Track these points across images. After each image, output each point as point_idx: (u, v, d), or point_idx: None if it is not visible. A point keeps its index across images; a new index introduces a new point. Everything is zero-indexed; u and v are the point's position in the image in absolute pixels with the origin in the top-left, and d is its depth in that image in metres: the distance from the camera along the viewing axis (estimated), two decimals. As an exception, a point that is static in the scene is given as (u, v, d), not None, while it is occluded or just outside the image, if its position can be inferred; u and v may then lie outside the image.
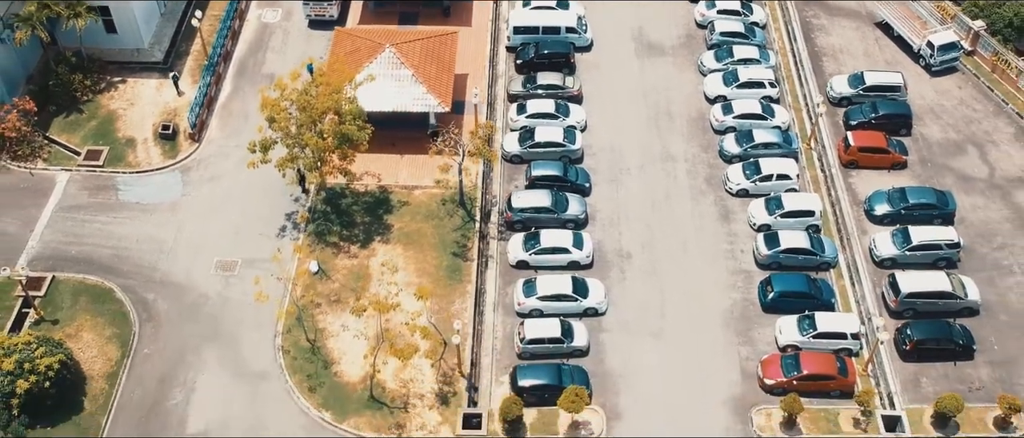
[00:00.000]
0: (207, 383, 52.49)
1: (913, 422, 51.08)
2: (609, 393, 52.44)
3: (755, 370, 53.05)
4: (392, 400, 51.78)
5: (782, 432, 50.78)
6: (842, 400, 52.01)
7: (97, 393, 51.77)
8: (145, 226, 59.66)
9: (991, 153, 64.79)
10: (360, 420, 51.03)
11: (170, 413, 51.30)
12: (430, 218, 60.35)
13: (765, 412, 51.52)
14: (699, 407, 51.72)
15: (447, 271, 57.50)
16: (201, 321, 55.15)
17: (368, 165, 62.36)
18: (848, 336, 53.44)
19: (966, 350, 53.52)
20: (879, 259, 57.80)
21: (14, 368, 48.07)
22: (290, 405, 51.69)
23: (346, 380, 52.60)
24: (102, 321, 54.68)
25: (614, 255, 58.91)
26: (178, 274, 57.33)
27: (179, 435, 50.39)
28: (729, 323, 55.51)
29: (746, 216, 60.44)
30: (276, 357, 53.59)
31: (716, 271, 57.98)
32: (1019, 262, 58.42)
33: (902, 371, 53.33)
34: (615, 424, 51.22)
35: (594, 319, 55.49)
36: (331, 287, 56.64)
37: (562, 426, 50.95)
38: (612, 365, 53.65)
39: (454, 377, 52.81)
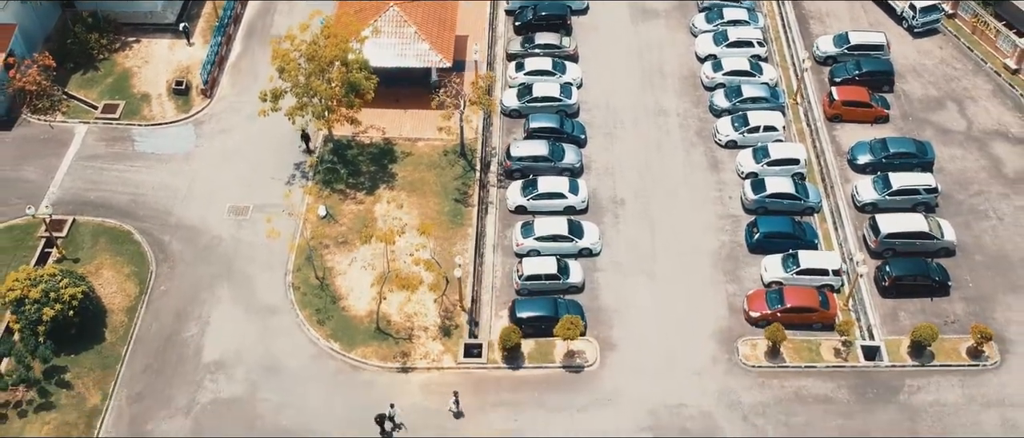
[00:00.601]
0: (221, 317, 55.27)
1: (891, 352, 53.90)
2: (603, 326, 55.23)
3: (741, 305, 55.87)
4: (397, 332, 54.56)
5: (766, 361, 53.57)
6: (824, 332, 54.79)
7: (117, 325, 54.56)
8: (160, 174, 62.47)
9: (969, 108, 67.61)
10: (367, 350, 53.83)
11: (186, 344, 54.11)
12: (432, 167, 63.15)
13: (750, 342, 54.32)
14: (688, 338, 54.52)
15: (449, 216, 60.29)
16: (214, 261, 57.96)
17: (373, 119, 65.17)
18: (830, 272, 56.27)
19: (942, 287, 56.33)
20: (861, 204, 60.63)
21: (40, 297, 50.83)
22: (300, 337, 54.49)
23: (353, 314, 55.39)
24: (121, 260, 57.47)
25: (608, 201, 61.73)
26: (192, 218, 60.13)
27: (195, 364, 53.13)
28: (717, 263, 58.32)
29: (734, 165, 63.26)
30: (286, 293, 56.37)
31: (705, 215, 60.81)
32: (994, 207, 61.23)
33: (881, 306, 56.13)
34: (608, 354, 54.02)
35: (589, 259, 58.29)
36: (338, 230, 59.44)
37: (558, 355, 53.76)
38: (606, 301, 56.46)
39: (455, 312, 55.61)
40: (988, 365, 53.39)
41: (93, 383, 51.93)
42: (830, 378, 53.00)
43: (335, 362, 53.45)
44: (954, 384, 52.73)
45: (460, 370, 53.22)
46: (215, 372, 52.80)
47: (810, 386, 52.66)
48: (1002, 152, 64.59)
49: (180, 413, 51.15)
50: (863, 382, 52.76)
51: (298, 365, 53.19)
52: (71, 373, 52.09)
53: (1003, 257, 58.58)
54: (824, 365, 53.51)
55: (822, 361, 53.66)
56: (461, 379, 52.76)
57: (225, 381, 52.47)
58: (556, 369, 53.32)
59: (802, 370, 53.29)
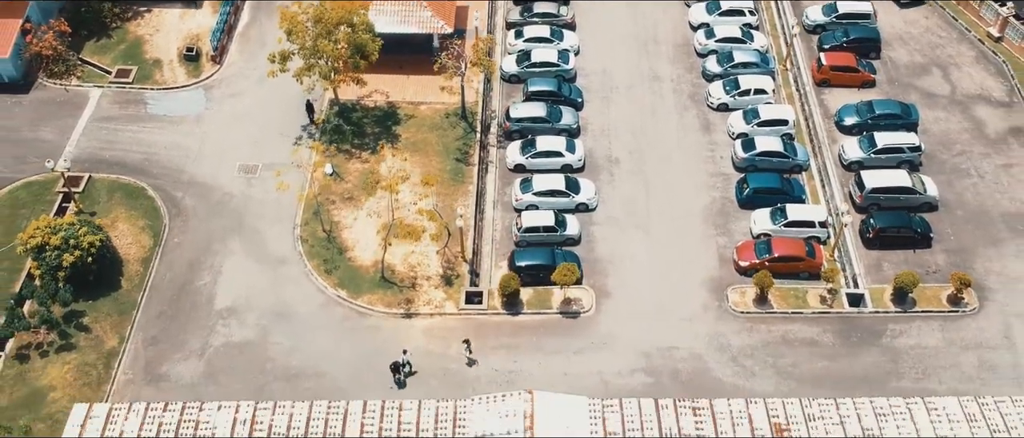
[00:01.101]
0: (232, 267, 57.63)
1: (875, 299, 56.26)
2: (598, 276, 57.59)
3: (731, 256, 58.22)
4: (401, 281, 56.91)
5: (755, 307, 55.92)
6: (810, 281, 57.12)
7: (132, 274, 56.91)
8: (172, 135, 64.82)
9: (953, 74, 69.98)
10: (373, 297, 56.18)
11: (199, 292, 56.46)
12: (435, 129, 65.50)
13: (739, 290, 56.68)
14: (680, 287, 56.87)
15: (450, 174, 62.63)
16: (226, 216, 60.32)
17: (377, 85, 67.57)
18: (816, 224, 58.64)
19: (924, 238, 58.68)
20: (847, 162, 63.00)
21: (60, 244, 53.18)
22: (308, 285, 56.84)
23: (359, 264, 57.74)
24: (135, 214, 59.84)
25: (604, 160, 64.09)
26: (204, 176, 62.49)
27: (208, 310, 55.47)
28: (708, 218, 60.69)
29: (726, 127, 65.62)
30: (295, 245, 58.73)
31: (697, 174, 63.17)
32: (975, 166, 63.60)
33: (866, 257, 58.50)
34: (604, 301, 56.37)
35: (585, 214, 60.63)
36: (344, 187, 61.79)
37: (556, 302, 56.10)
38: (601, 252, 58.81)
39: (457, 262, 57.95)
40: (967, 311, 55.73)
41: (110, 327, 54.27)
42: (816, 323, 55.37)
43: (342, 309, 55.79)
44: (935, 329, 55.08)
45: (462, 316, 55.58)
46: (227, 318, 55.17)
47: (796, 330, 55.03)
48: (984, 115, 66.97)
49: (194, 355, 53.51)
50: (847, 327, 55.13)
51: (307, 311, 55.54)
52: (89, 317, 54.45)
53: (983, 212, 60.95)
54: (810, 311, 55.87)
55: (808, 307, 56.01)
56: (462, 324, 55.14)
57: (237, 326, 54.84)
58: (553, 315, 55.67)
59: (789, 316, 55.66)
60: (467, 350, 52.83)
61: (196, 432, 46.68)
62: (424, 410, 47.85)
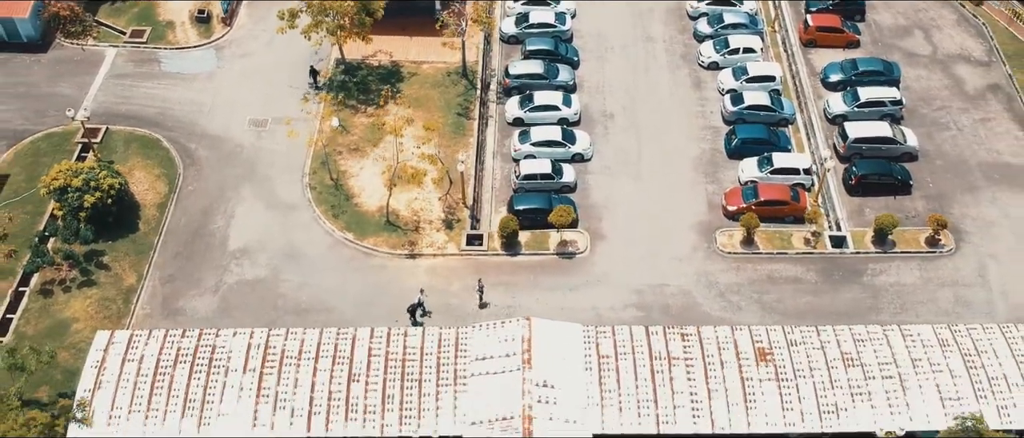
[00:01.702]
0: (244, 213, 60.43)
1: (856, 241, 59.05)
2: (593, 220, 60.39)
3: (720, 201, 61.02)
4: (405, 224, 59.69)
5: (742, 248, 58.72)
6: (795, 225, 59.91)
7: (149, 218, 59.71)
8: (185, 91, 67.63)
9: (935, 35, 72.82)
10: (378, 239, 58.98)
11: (213, 235, 59.25)
12: (437, 86, 68.30)
13: (727, 233, 59.48)
14: (671, 230, 59.66)
15: (452, 127, 65.42)
16: (237, 165, 63.13)
17: (381, 45, 70.37)
18: (801, 171, 61.43)
19: (904, 185, 61.48)
20: (832, 116, 65.81)
21: (81, 185, 55.96)
22: (317, 228, 59.63)
23: (365, 209, 60.53)
24: (151, 163, 62.64)
25: (599, 115, 66.91)
26: (216, 129, 65.29)
27: (222, 251, 58.27)
28: (698, 167, 63.50)
29: (716, 84, 68.43)
30: (304, 192, 61.52)
31: (688, 127, 65.98)
32: (954, 120, 66.42)
33: (848, 203, 61.31)
34: (598, 243, 59.16)
35: (581, 164, 63.41)
36: (350, 139, 64.57)
37: (552, 244, 58.90)
38: (596, 199, 61.62)
39: (458, 208, 60.72)
40: (944, 252, 58.53)
41: (129, 266, 57.07)
42: (800, 263, 58.18)
43: (349, 250, 58.58)
44: (913, 268, 57.87)
45: (463, 256, 58.37)
46: (240, 258, 57.97)
47: (781, 269, 57.83)
48: (964, 73, 69.81)
49: (208, 292, 56.30)
50: (830, 266, 57.93)
51: (316, 252, 58.32)
52: (109, 256, 57.22)
53: (962, 162, 63.77)
54: (794, 252, 58.66)
55: (792, 248, 58.81)
56: (463, 264, 57.93)
57: (249, 265, 57.63)
58: (550, 256, 58.45)
59: (774, 256, 58.46)
60: (479, 293, 55.33)
61: (213, 356, 49.66)
62: (428, 336, 50.80)
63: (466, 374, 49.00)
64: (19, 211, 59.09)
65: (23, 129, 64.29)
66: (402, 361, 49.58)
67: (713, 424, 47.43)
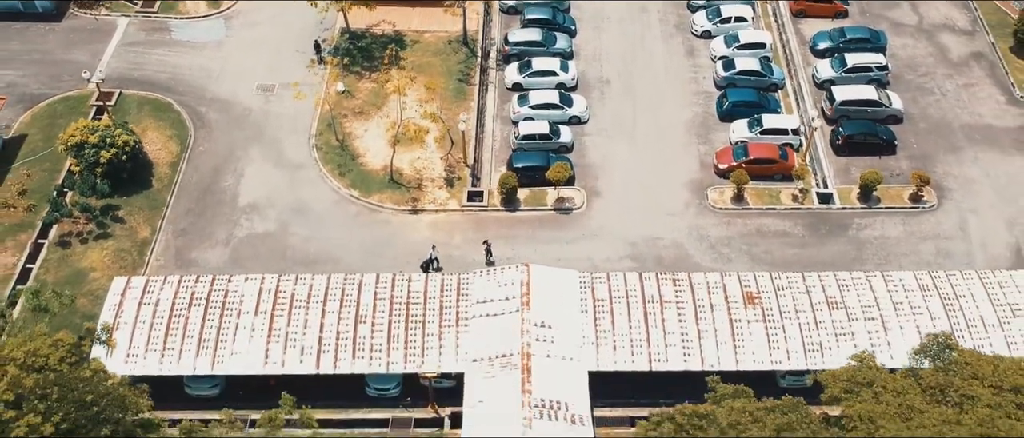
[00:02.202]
0: (254, 171, 62.76)
1: (842, 197, 61.39)
2: (590, 178, 62.73)
3: (711, 161, 63.37)
4: (408, 182, 62.02)
5: (732, 204, 61.06)
6: (784, 183, 62.23)
7: (162, 176, 62.03)
8: (195, 58, 69.96)
9: (921, 6, 75.21)
10: (382, 196, 61.30)
11: (223, 192, 61.58)
12: (438, 54, 70.63)
13: (718, 190, 61.82)
14: (664, 188, 61.99)
15: (453, 92, 67.76)
16: (246, 128, 65.46)
17: (384, 15, 72.73)
18: (789, 132, 63.76)
19: (889, 146, 63.84)
20: (820, 81, 68.18)
21: (98, 142, 58.28)
22: (324, 186, 61.95)
23: (370, 168, 62.87)
24: (163, 125, 64.97)
25: (595, 81, 69.25)
26: (225, 93, 67.62)
27: (232, 207, 60.60)
28: (691, 129, 65.85)
29: (708, 51, 70.78)
30: (311, 152, 63.84)
31: (681, 92, 68.33)
32: (938, 85, 68.80)
33: (835, 162, 63.65)
34: (594, 200, 61.51)
35: (578, 127, 65.75)
36: (355, 103, 66.91)
37: (550, 200, 61.23)
38: (592, 159, 63.96)
39: (459, 167, 63.05)
40: (927, 207, 60.86)
41: (143, 220, 59.39)
42: (788, 218, 60.52)
43: (355, 206, 60.91)
44: (897, 223, 60.20)
45: (464, 212, 60.71)
46: (250, 213, 60.29)
47: (770, 224, 60.17)
48: (948, 41, 72.19)
49: (220, 244, 58.63)
50: (817, 221, 60.26)
51: (322, 208, 60.65)
52: (124, 211, 59.55)
53: (945, 125, 66.13)
54: (783, 207, 61.01)
55: (781, 204, 61.15)
56: (465, 219, 60.27)
57: (259, 220, 59.96)
58: (548, 211, 60.79)
59: (763, 211, 60.80)
60: (487, 251, 57.51)
61: (225, 299, 52.01)
62: (431, 281, 53.19)
63: (468, 316, 51.35)
64: (37, 169, 61.41)
65: (40, 93, 66.62)
66: (406, 304, 51.93)
67: (703, 362, 49.74)
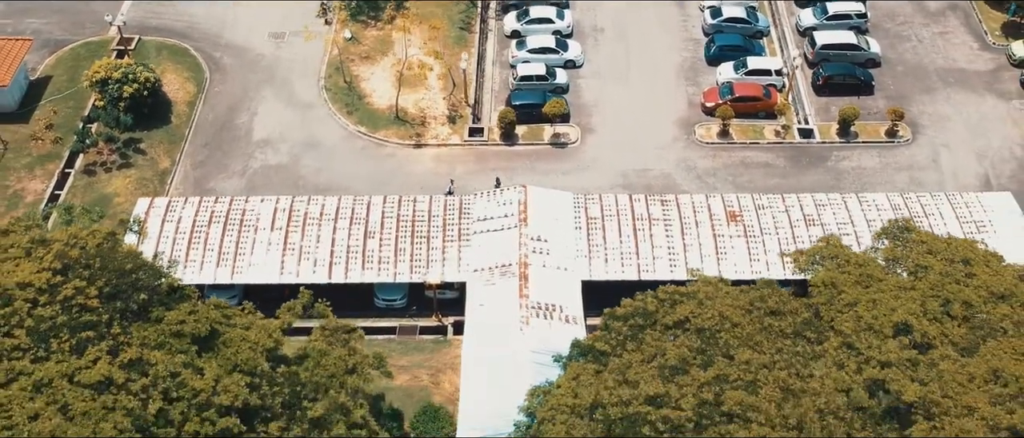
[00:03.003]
0: (266, 110, 66.46)
1: (822, 133, 65.10)
2: (584, 116, 66.43)
3: (699, 100, 67.06)
4: (412, 120, 65.72)
5: (718, 139, 64.76)
6: (767, 120, 65.90)
7: (180, 113, 65.73)
8: (210, 8, 73.66)
9: (901, -39, 79.01)
10: (388, 132, 65.01)
11: (238, 129, 65.28)
12: (440, 3, 74.25)
13: (705, 126, 65.53)
14: (654, 124, 65.69)
15: (454, 39, 71.40)
16: (259, 71, 69.16)
17: (388, -29, 76.46)
18: (772, 73, 67.45)
19: (867, 86, 67.52)
20: (803, 29, 71.88)
21: (121, 77, 61.96)
22: (333, 123, 65.65)
23: (376, 107, 66.57)
24: (181, 68, 68.66)
25: (590, 29, 72.94)
26: (238, 40, 71.33)
27: (247, 142, 64.29)
28: (680, 72, 69.56)
29: (697, 2, 74.47)
30: (320, 93, 67.54)
31: (671, 39, 72.03)
32: (916, 33, 72.49)
33: (816, 102, 67.35)
34: (588, 135, 65.21)
35: (573, 71, 69.45)
36: (362, 49, 70.59)
37: (546, 135, 64.93)
38: (587, 99, 67.65)
39: (461, 106, 66.73)
40: (901, 142, 64.56)
41: (163, 152, 63.10)
42: (771, 151, 64.23)
43: (362, 141, 64.61)
44: (873, 155, 63.89)
45: (465, 146, 64.41)
46: (263, 147, 64.00)
47: (754, 156, 63.88)
48: (926, -7, 76.09)
49: (236, 175, 62.33)
50: (798, 153, 63.96)
51: (332, 143, 64.36)
52: (145, 143, 63.28)
53: (920, 68, 69.83)
54: (766, 142, 64.72)
55: (764, 139, 64.86)
56: (466, 153, 63.96)
57: (272, 153, 63.66)
58: (545, 146, 64.50)
59: (747, 145, 64.51)
60: (497, 185, 60.93)
61: (243, 218, 55.69)
62: (435, 202, 56.91)
63: (469, 232, 55.06)
64: (62, 106, 65.07)
65: (63, 38, 70.29)
66: (412, 222, 55.62)
67: (688, 272, 53.30)
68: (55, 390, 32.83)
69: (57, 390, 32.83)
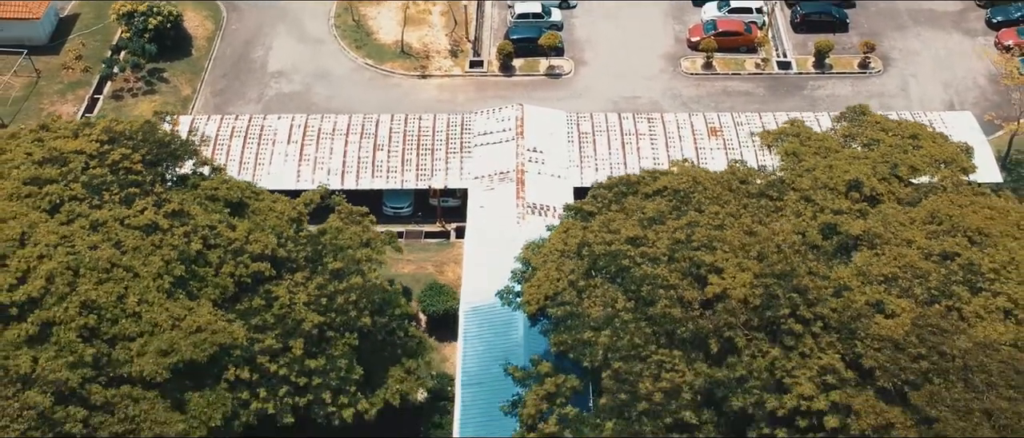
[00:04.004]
0: (280, 45, 71.11)
1: (799, 65, 69.78)
2: (577, 51, 71.11)
3: (685, 36, 71.75)
4: (417, 54, 70.37)
5: (702, 70, 69.45)
6: (748, 54, 70.56)
7: (200, 47, 70.37)
8: (225, -45, 78.46)
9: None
10: (394, 64, 69.66)
11: (254, 61, 69.93)
12: (442, -48, 79.06)
13: (690, 59, 70.23)
14: (642, 58, 70.36)
15: (456, -17, 76.20)
16: (273, 11, 73.80)
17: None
18: (753, 11, 72.14)
19: (842, 24, 72.20)
20: (783, -29, 76.69)
21: (145, 10, 66.63)
22: (342, 56, 70.29)
23: (383, 43, 71.22)
24: (199, 7, 73.29)
25: (583, -27, 77.75)
26: (253, -17, 76.18)
27: (262, 73, 68.94)
28: (668, 12, 74.23)
29: (685, -50, 79.24)
30: (330, 30, 72.19)
31: (661, -18, 76.90)
32: (890, -22, 77.40)
33: (794, 38, 72.02)
34: (581, 67, 69.89)
35: (567, 11, 74.08)
36: (369, -9, 75.46)
37: (542, 67, 69.59)
38: (580, 36, 72.33)
39: (462, 42, 71.37)
40: (873, 72, 69.26)
41: (185, 80, 67.74)
42: (751, 80, 68.91)
43: (370, 72, 69.25)
44: (847, 84, 68.60)
45: (466, 77, 69.08)
46: (278, 77, 68.66)
47: (735, 85, 68.58)
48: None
49: (252, 101, 66.97)
50: (776, 83, 68.65)
51: (342, 73, 69.01)
52: (168, 72, 67.90)
53: (893, 8, 74.52)
54: (747, 73, 69.40)
55: (745, 70, 69.54)
56: (467, 83, 68.62)
57: (286, 83, 68.32)
58: (540, 76, 69.17)
59: (729, 76, 69.20)
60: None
61: (261, 132, 60.28)
62: (438, 119, 61.44)
63: (470, 145, 59.65)
64: (90, 40, 69.69)
65: (89, -20, 75.14)
66: (417, 137, 60.18)
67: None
68: (109, 229, 37.46)
69: (111, 230, 37.45)
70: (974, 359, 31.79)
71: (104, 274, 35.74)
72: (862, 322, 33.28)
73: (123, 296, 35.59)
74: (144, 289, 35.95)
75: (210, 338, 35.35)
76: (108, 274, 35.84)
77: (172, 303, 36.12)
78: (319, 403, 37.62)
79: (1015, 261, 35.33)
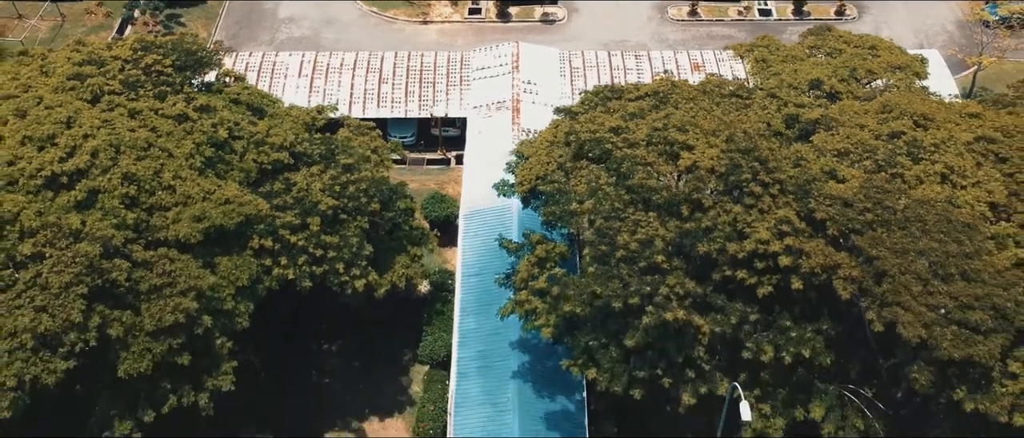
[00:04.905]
0: (290, -4, 75.75)
1: (779, 12, 74.13)
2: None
3: (672, -13, 76.29)
4: (418, 1, 74.66)
5: (688, 17, 73.80)
6: (731, 1, 74.86)
7: (214, -3, 74.98)
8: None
9: None
10: (397, 11, 74.01)
11: (265, 9, 74.37)
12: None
13: (676, 7, 74.59)
14: (632, 6, 74.74)
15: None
16: (282, -35, 78.32)
17: None
18: (736, -38, 76.64)
19: (820, -24, 76.68)
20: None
21: (164, -40, 71.19)
22: (348, 4, 74.64)
23: (386, -8, 75.77)
24: (213, -39, 77.85)
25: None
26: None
27: (273, 20, 73.22)
28: (657, -35, 78.78)
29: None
30: (337, -19, 76.70)
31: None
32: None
33: (774, -11, 76.59)
34: (574, 15, 74.24)
35: (560, -35, 78.62)
36: (373, -53, 79.71)
37: (537, 14, 73.90)
38: (572, -13, 76.89)
39: (462, -8, 75.87)
40: (848, 19, 73.60)
41: (201, 26, 72.06)
42: (733, 26, 73.27)
43: (374, 18, 73.59)
44: (823, 30, 72.91)
45: (465, 23, 73.40)
46: (288, 23, 73.01)
47: (718, 30, 72.95)
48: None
49: (264, 45, 71.29)
50: (757, 28, 72.94)
51: (348, 20, 73.37)
52: (185, 18, 72.31)
53: (869, -38, 79.02)
54: (729, 19, 73.75)
55: (728, 17, 73.88)
56: (466, 28, 72.94)
57: (295, 28, 72.66)
58: (535, 22, 73.50)
59: (713, 22, 73.59)
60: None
61: (274, 68, 64.57)
62: (439, 55, 65.78)
63: (469, 79, 63.96)
64: (111, -12, 74.26)
65: (108, -64, 79.39)
66: (420, 71, 64.50)
67: (657, 107, 62.31)
68: (145, 118, 41.76)
69: (147, 118, 41.76)
70: (912, 212, 36.04)
71: (142, 151, 40.05)
72: (816, 185, 37.58)
73: (159, 172, 39.89)
74: (178, 167, 40.27)
75: (238, 209, 39.62)
76: (146, 152, 40.14)
77: (203, 179, 40.41)
78: (334, 273, 41.93)
79: (953, 138, 39.61)
